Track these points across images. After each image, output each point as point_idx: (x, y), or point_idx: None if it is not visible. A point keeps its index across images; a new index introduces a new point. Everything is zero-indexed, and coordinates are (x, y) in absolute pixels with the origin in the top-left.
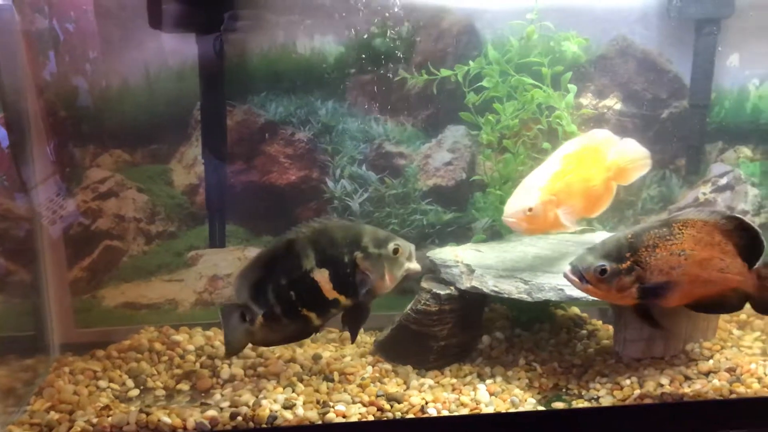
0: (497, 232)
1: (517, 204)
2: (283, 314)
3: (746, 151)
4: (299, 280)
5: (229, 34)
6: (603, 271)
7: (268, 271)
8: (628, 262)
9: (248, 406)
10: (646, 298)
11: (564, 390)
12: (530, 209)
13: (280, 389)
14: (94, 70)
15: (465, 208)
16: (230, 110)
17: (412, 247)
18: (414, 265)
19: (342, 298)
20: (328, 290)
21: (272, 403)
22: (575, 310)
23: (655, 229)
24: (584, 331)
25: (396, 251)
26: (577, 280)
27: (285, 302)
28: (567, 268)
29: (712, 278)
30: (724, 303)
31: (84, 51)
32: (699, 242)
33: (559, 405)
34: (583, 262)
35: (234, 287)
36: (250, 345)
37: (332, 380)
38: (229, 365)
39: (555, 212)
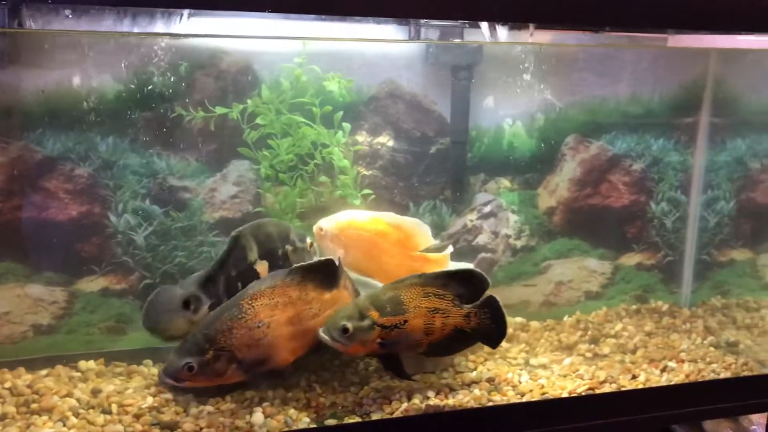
0: None
1: (320, 221)
2: None
3: (505, 182)
4: (245, 272)
5: (1, 71)
6: (191, 368)
7: (224, 266)
8: (211, 352)
9: None
10: (250, 371)
11: (340, 407)
12: (321, 229)
13: (51, 423)
14: None
15: None
16: (4, 147)
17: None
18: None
19: None
20: None
21: None
22: None
23: (226, 313)
24: None
25: (311, 245)
26: (173, 381)
27: (232, 294)
28: (161, 373)
29: (310, 326)
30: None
31: None
32: (275, 307)
33: (332, 422)
34: (171, 365)
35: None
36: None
37: (110, 412)
38: (2, 403)
39: (336, 249)
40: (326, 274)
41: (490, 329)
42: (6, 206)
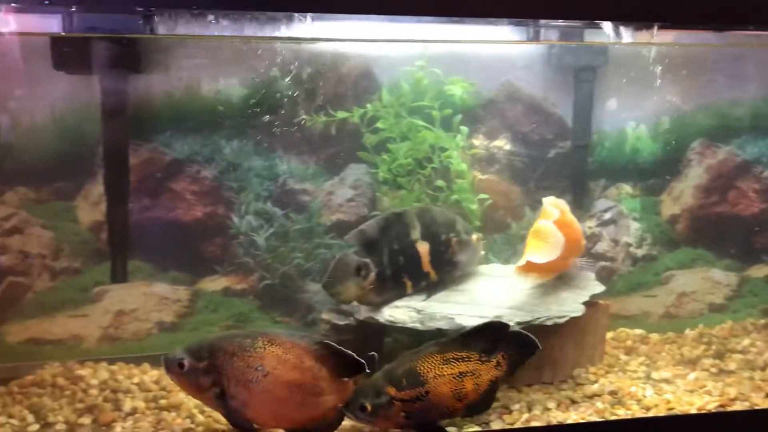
0: None
1: None
2: (391, 277)
3: (627, 188)
4: (407, 247)
5: (134, 76)
6: (181, 365)
7: (385, 234)
8: (206, 362)
9: None
10: (227, 408)
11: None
12: None
13: (180, 420)
14: None
15: None
16: (136, 149)
17: None
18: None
19: (432, 273)
20: (426, 262)
21: None
22: None
23: (240, 338)
24: None
25: (477, 239)
26: (165, 371)
27: (394, 266)
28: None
29: (308, 402)
30: (326, 423)
31: None
32: (284, 363)
33: (452, 430)
34: (171, 355)
35: (356, 240)
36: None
37: None
38: (132, 398)
39: None
40: (348, 367)
41: (520, 361)
42: (136, 206)
